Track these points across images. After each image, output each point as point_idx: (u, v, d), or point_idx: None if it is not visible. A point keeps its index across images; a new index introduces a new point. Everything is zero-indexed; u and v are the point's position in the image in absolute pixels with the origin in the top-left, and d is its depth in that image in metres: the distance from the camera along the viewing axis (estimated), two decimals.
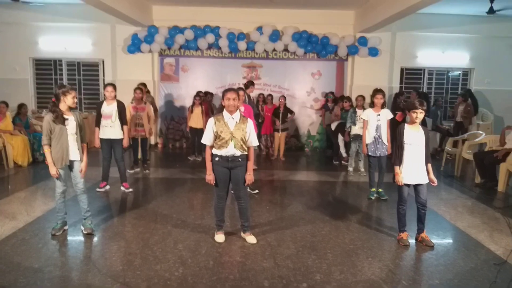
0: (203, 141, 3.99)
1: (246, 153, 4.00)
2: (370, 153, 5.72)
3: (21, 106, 8.22)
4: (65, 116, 4.09)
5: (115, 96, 5.83)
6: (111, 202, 5.59)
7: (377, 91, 5.71)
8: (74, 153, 4.19)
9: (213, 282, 3.33)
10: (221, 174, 3.99)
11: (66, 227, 4.37)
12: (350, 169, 7.46)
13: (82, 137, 4.27)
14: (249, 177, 4.03)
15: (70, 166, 4.23)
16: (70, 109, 4.17)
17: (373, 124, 5.68)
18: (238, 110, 3.99)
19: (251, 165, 4.06)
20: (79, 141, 4.23)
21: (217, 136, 3.90)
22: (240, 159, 3.96)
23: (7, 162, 7.40)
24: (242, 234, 4.25)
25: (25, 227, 4.47)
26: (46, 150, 4.08)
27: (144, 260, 3.70)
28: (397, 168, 4.13)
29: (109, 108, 5.76)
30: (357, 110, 7.10)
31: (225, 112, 3.95)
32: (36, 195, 5.80)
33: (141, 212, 5.08)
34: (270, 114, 8.73)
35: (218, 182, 4.02)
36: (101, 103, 5.85)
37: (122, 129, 5.86)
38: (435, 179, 4.13)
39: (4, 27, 9.75)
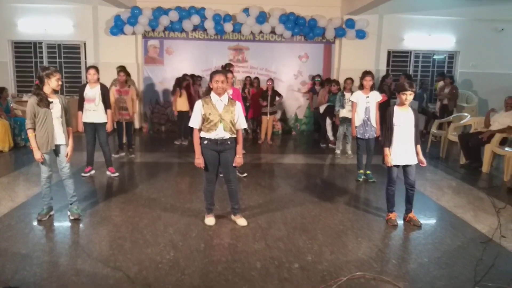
0: (191, 124, 3.91)
1: (235, 135, 3.96)
2: (359, 136, 5.74)
3: (1, 90, 7.95)
4: (50, 99, 3.97)
5: (98, 79, 5.68)
6: (98, 187, 5.51)
7: (366, 73, 5.70)
8: (60, 137, 4.09)
9: (205, 265, 3.32)
10: (210, 158, 3.94)
11: (52, 212, 4.29)
12: (338, 151, 7.50)
13: (67, 121, 4.16)
14: (239, 159, 4.00)
15: (56, 150, 4.12)
16: (55, 92, 4.05)
17: (362, 106, 5.68)
18: (226, 93, 3.93)
19: (240, 147, 4.03)
20: (65, 125, 4.12)
21: (205, 119, 3.84)
22: (229, 142, 3.92)
23: None
24: (232, 216, 4.23)
25: (10, 212, 4.37)
26: (30, 134, 3.95)
27: (134, 244, 3.66)
28: (386, 149, 4.15)
29: (92, 92, 5.62)
30: (345, 93, 7.10)
31: (213, 95, 3.88)
32: (19, 180, 5.66)
33: (129, 197, 5.02)
34: (257, 97, 8.66)
35: (207, 165, 3.98)
36: (84, 86, 5.71)
37: (106, 113, 5.74)
38: (424, 160, 4.18)
39: None
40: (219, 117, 3.82)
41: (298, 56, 9.97)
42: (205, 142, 3.90)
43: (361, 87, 5.77)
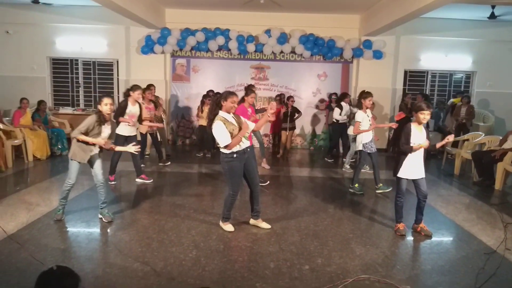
0: (226, 142, 4.05)
1: (249, 144, 4.37)
2: (368, 151, 6.05)
3: (40, 103, 8.63)
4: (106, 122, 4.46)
5: None
6: (127, 193, 5.96)
7: (369, 94, 6.07)
8: (95, 149, 4.56)
9: (224, 263, 3.67)
10: (239, 170, 4.26)
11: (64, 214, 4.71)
12: (348, 166, 7.79)
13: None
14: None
15: (90, 160, 4.56)
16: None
17: (366, 124, 6.05)
18: None
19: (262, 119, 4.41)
20: None
21: (231, 135, 4.14)
22: (249, 149, 4.33)
23: (27, 155, 7.80)
24: (253, 221, 4.58)
25: (49, 213, 4.83)
26: (81, 137, 4.32)
27: (161, 244, 4.05)
28: (412, 147, 4.31)
29: (134, 109, 6.14)
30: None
31: (223, 113, 4.15)
32: (55, 186, 6.14)
33: (155, 202, 5.45)
34: (281, 114, 8.96)
35: (236, 177, 4.27)
36: (126, 103, 6.11)
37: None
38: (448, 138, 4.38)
39: (23, 28, 10.16)
40: (238, 130, 4.17)
41: (317, 75, 10.35)
42: (235, 155, 4.18)
43: (361, 106, 6.08)
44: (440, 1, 6.30)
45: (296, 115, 9.02)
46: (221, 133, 4.07)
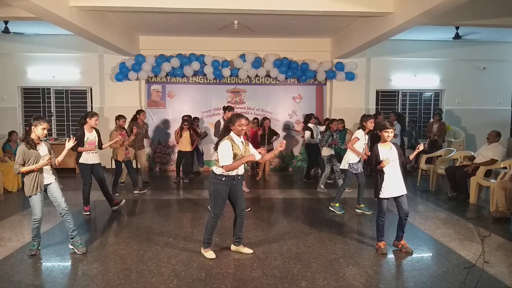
0: (227, 162, 4.06)
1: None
2: (353, 171, 6.10)
3: (11, 134, 8.39)
4: (37, 144, 4.29)
5: None
6: (103, 223, 5.78)
7: (369, 116, 6.09)
8: (48, 177, 4.40)
9: None
10: (224, 193, 4.23)
11: (39, 247, 4.53)
12: (322, 186, 7.81)
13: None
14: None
15: (46, 189, 4.40)
16: (41, 140, 4.34)
17: (362, 145, 6.09)
18: None
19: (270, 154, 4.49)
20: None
21: (233, 157, 4.12)
22: (239, 177, 4.31)
23: None
24: (234, 247, 4.51)
25: (22, 248, 4.63)
26: (22, 170, 4.16)
27: (140, 275, 3.92)
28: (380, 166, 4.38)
29: (92, 135, 6.00)
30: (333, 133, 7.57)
31: (234, 136, 4.20)
32: (28, 218, 5.83)
33: (133, 232, 5.29)
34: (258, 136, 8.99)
35: (220, 200, 4.24)
36: (83, 131, 5.92)
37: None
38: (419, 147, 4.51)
39: None
40: (241, 156, 4.17)
41: (292, 97, 10.52)
42: (223, 178, 4.17)
43: (364, 128, 6.06)
44: (407, 24, 6.58)
45: (274, 137, 9.09)
46: (225, 153, 4.09)
